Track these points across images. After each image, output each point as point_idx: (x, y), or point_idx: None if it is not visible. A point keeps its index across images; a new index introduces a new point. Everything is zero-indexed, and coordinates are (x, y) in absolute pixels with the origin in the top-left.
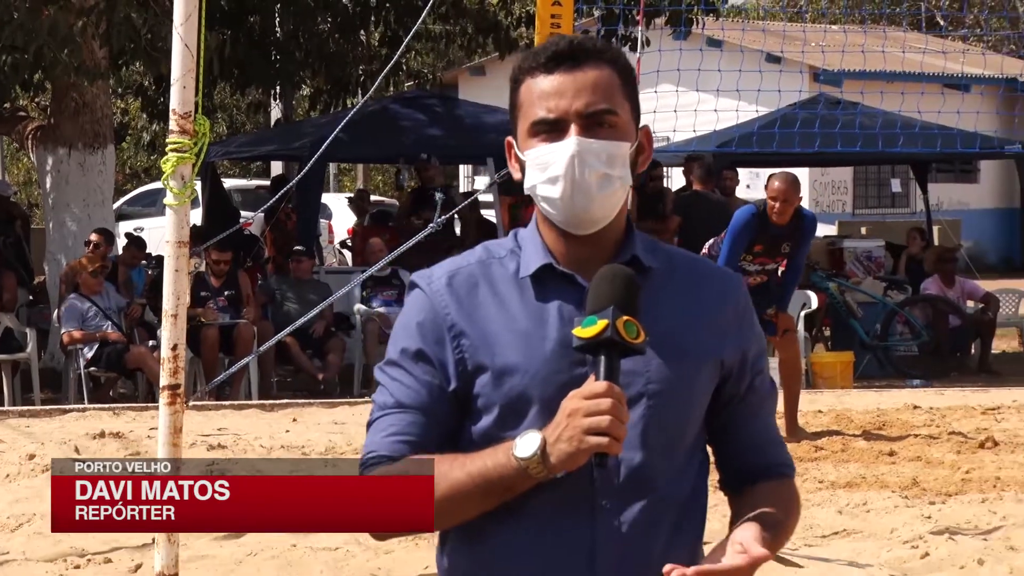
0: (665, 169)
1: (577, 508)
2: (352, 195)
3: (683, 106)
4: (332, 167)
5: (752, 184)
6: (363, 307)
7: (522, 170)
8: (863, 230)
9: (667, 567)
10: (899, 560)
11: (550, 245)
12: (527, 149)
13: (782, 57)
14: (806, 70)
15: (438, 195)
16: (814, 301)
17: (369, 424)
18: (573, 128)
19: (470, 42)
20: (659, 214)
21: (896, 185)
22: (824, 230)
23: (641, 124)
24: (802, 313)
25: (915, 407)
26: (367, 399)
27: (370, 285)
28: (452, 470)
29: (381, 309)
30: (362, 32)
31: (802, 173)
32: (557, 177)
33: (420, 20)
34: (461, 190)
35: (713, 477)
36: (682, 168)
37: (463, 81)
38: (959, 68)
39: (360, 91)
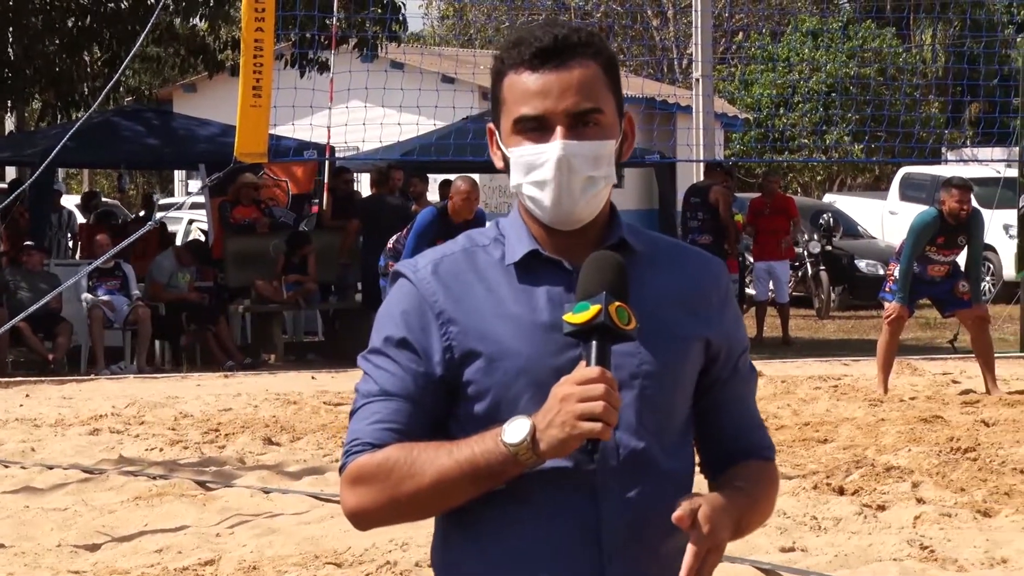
0: (355, 174)
1: (579, 490)
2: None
3: (371, 120)
4: (60, 172)
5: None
6: (89, 296)
7: (504, 162)
8: None
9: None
10: None
11: (535, 233)
12: (511, 146)
13: (455, 78)
14: (476, 89)
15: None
16: None
17: (352, 412)
18: (559, 130)
19: (182, 63)
20: (349, 214)
21: None
22: None
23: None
24: None
25: None
26: (92, 376)
27: (96, 276)
28: (438, 457)
29: (105, 297)
30: (86, 53)
31: (475, 178)
32: (544, 181)
33: (138, 43)
34: (175, 195)
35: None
36: (370, 174)
37: (177, 97)
38: None
39: (85, 105)
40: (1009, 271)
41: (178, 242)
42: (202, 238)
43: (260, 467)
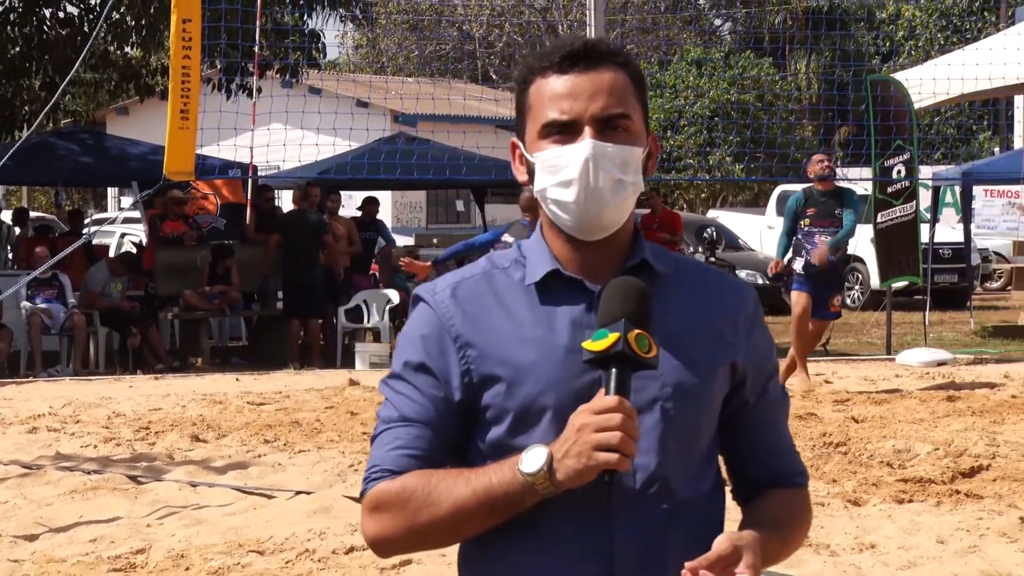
0: (276, 191)
1: (593, 515)
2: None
3: (290, 141)
4: (0, 189)
5: (346, 204)
6: (28, 304)
7: (529, 173)
8: (435, 241)
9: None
10: None
11: (557, 252)
12: (537, 151)
13: (369, 102)
14: (388, 113)
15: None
16: (396, 297)
17: (373, 438)
18: (588, 131)
19: (116, 88)
20: (270, 229)
21: (460, 205)
22: (403, 240)
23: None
24: (386, 308)
25: None
26: (31, 379)
27: (34, 286)
28: (456, 486)
29: (43, 305)
30: (26, 78)
31: (385, 195)
32: (570, 181)
33: (74, 69)
34: (109, 210)
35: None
36: (292, 191)
37: (111, 120)
38: (508, 112)
39: (25, 126)
40: (876, 281)
41: (111, 254)
42: (134, 250)
43: (188, 462)
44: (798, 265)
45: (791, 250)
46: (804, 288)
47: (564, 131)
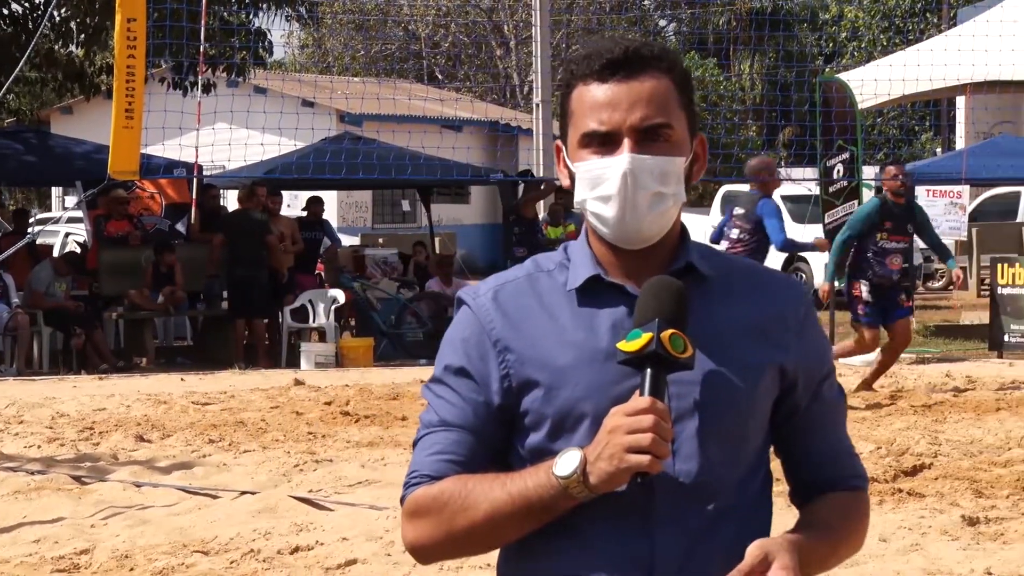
0: (221, 191)
1: (635, 520)
2: None
3: (236, 140)
4: None
5: (292, 204)
6: None
7: (571, 178)
8: (380, 241)
9: None
10: None
11: (600, 256)
12: (577, 161)
13: (315, 102)
14: (334, 112)
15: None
16: (341, 297)
17: (415, 443)
18: (626, 143)
19: (60, 87)
20: (216, 229)
21: (406, 205)
22: (348, 240)
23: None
24: (332, 307)
25: (422, 381)
26: None
27: None
28: (492, 490)
29: None
30: None
31: (331, 195)
32: (609, 196)
33: (18, 68)
34: (53, 210)
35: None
36: (238, 191)
37: (55, 119)
38: (453, 112)
39: None
40: (820, 280)
41: (55, 254)
42: (79, 250)
43: (132, 463)
44: (865, 290)
45: (847, 269)
46: (877, 323)
47: (604, 142)
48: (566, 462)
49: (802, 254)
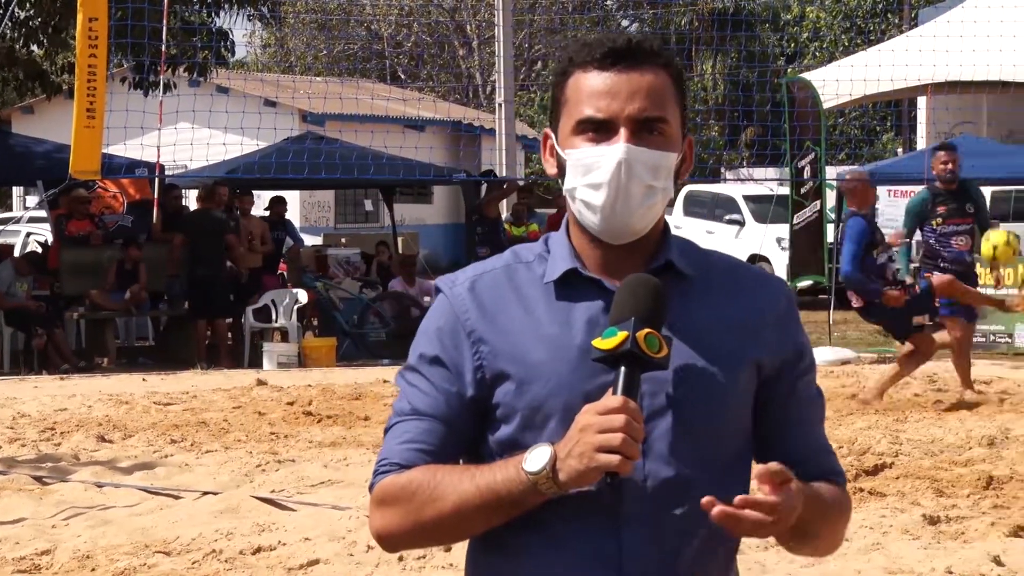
0: (183, 191)
1: (603, 519)
2: None
3: (198, 140)
4: None
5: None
6: None
7: (559, 167)
8: (343, 240)
9: (705, 499)
10: None
11: (579, 249)
12: (569, 148)
13: (277, 102)
14: (296, 112)
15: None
16: (304, 297)
17: (386, 430)
18: (623, 132)
19: (21, 86)
20: (177, 228)
21: (368, 204)
22: (311, 240)
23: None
24: (294, 307)
25: (385, 381)
26: None
27: None
28: (461, 482)
29: None
30: None
31: (293, 195)
32: (601, 184)
33: None
34: (14, 209)
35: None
36: (197, 190)
37: (16, 118)
38: (416, 112)
39: None
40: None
41: (16, 254)
42: (40, 250)
43: (94, 463)
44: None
45: (916, 264)
46: (960, 312)
47: (599, 130)
48: (536, 458)
49: (762, 252)
